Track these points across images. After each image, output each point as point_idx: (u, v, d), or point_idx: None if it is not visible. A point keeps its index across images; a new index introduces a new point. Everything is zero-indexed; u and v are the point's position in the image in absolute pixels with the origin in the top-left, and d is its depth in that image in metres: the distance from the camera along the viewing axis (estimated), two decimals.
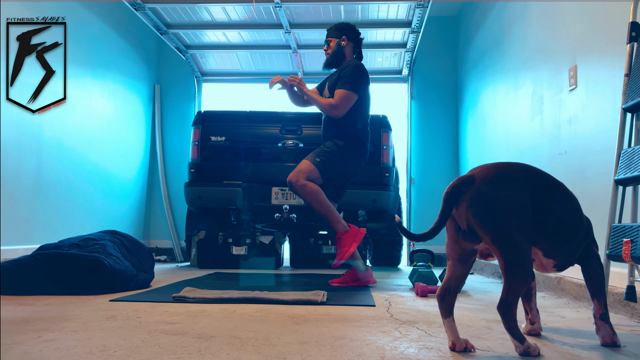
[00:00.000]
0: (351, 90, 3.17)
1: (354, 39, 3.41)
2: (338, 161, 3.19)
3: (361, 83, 3.23)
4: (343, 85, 3.19)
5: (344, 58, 3.37)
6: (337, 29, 3.39)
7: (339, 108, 3.18)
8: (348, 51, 3.38)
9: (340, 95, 3.17)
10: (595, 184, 2.64)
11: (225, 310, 2.10)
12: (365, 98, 3.29)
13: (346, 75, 3.21)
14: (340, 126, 3.25)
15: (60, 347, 1.41)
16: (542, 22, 3.53)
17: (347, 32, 3.38)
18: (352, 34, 3.40)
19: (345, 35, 3.36)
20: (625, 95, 2.19)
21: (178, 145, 6.37)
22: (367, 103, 3.33)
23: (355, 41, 3.42)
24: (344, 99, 3.17)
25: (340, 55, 3.36)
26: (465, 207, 1.42)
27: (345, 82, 3.19)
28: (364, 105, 3.30)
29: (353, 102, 3.20)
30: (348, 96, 3.17)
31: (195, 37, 5.70)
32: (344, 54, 3.36)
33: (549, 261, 1.57)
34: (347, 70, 3.24)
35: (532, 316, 1.75)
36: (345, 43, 3.36)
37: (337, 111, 3.19)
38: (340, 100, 3.17)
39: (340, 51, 3.35)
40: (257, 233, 4.66)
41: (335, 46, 3.36)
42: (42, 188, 4.08)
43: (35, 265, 2.60)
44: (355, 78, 3.20)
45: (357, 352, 1.41)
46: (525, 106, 3.81)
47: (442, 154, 6.28)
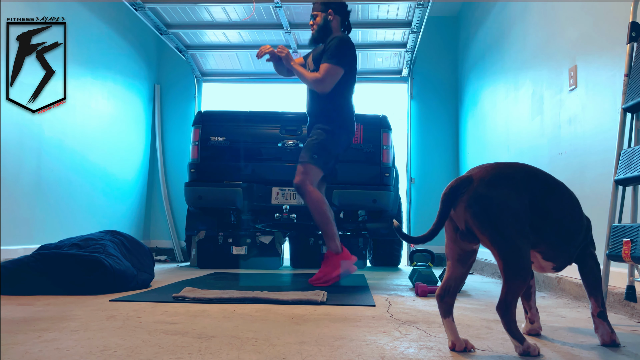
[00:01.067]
0: (337, 64, 3.06)
1: (341, 12, 3.29)
2: (331, 149, 3.13)
3: (347, 57, 3.12)
4: (329, 59, 3.07)
5: (330, 32, 3.25)
6: (322, 3, 3.27)
7: (323, 83, 3.07)
8: (335, 25, 3.27)
9: (325, 70, 3.07)
10: (595, 184, 2.64)
11: (225, 310, 2.10)
12: (351, 73, 3.19)
13: (332, 48, 3.10)
14: (326, 105, 3.16)
15: (60, 347, 1.41)
16: (542, 22, 3.53)
17: (333, 5, 3.26)
18: (339, 7, 3.28)
19: (332, 8, 3.25)
20: (625, 95, 2.19)
21: (178, 145, 6.37)
22: (353, 79, 3.24)
23: (343, 14, 3.31)
24: (330, 73, 3.06)
25: (327, 30, 3.25)
26: (463, 208, 1.42)
27: (331, 56, 3.07)
28: (350, 80, 3.20)
29: (339, 77, 3.09)
30: (333, 70, 3.06)
31: (195, 37, 5.70)
32: (330, 28, 3.25)
33: (547, 263, 1.57)
34: (332, 43, 3.13)
35: (532, 315, 1.75)
36: (332, 17, 3.24)
37: (322, 86, 3.09)
38: (325, 74, 3.06)
39: (327, 25, 3.24)
40: (257, 233, 4.66)
41: (321, 20, 3.24)
42: (42, 188, 4.08)
43: (35, 265, 2.60)
44: (341, 52, 3.10)
45: (357, 352, 1.41)
46: (525, 106, 3.81)
47: (442, 154, 6.27)
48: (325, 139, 3.11)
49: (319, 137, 3.11)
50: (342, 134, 3.16)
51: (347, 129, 3.18)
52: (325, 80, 3.08)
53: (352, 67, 3.19)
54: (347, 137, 3.21)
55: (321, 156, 3.08)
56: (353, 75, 3.24)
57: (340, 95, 3.16)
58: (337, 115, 3.16)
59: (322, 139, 3.11)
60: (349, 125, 3.20)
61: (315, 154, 3.08)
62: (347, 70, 3.14)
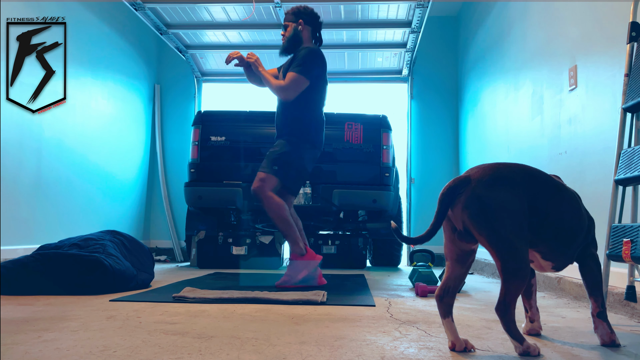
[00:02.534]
0: (301, 74, 3.06)
1: (312, 22, 3.28)
2: (294, 161, 3.09)
3: (313, 68, 3.11)
4: (294, 68, 3.09)
5: (301, 43, 3.24)
6: (293, 13, 3.27)
7: (286, 91, 3.08)
8: (305, 35, 3.26)
9: (289, 78, 3.08)
10: (595, 184, 2.64)
11: (225, 310, 2.10)
12: (318, 84, 3.17)
13: (299, 59, 3.11)
14: (291, 117, 3.14)
15: (60, 347, 1.41)
16: (542, 22, 3.53)
17: (303, 15, 3.25)
18: (309, 18, 3.27)
19: (302, 18, 3.24)
20: (625, 95, 2.19)
21: (178, 145, 6.37)
22: (321, 89, 3.21)
23: (313, 25, 3.29)
24: (293, 82, 3.06)
25: (297, 40, 3.23)
26: (461, 209, 1.41)
27: (296, 66, 3.09)
28: (317, 91, 3.18)
29: (303, 87, 3.08)
30: (297, 79, 3.06)
31: (195, 37, 5.70)
32: (301, 38, 3.23)
33: (547, 263, 1.57)
34: (301, 53, 3.14)
35: (532, 314, 1.74)
36: (302, 27, 3.23)
37: (285, 94, 3.09)
38: (289, 82, 3.07)
39: (297, 35, 3.22)
40: (257, 233, 4.66)
41: (291, 30, 3.23)
42: (42, 188, 4.08)
43: (35, 265, 2.60)
44: (307, 62, 3.09)
45: (357, 352, 1.41)
46: (525, 106, 3.81)
47: (442, 154, 6.27)
48: (287, 151, 3.08)
49: (281, 149, 3.10)
50: (305, 148, 3.12)
51: (311, 142, 3.14)
52: (288, 89, 3.08)
53: (319, 80, 3.17)
54: (312, 150, 3.16)
55: (281, 168, 3.05)
56: (321, 87, 3.20)
57: (306, 108, 3.14)
58: (304, 127, 3.13)
59: (284, 151, 3.09)
60: (314, 138, 3.15)
61: (275, 165, 3.06)
62: (313, 82, 3.12)
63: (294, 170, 3.10)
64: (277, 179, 3.05)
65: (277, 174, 3.04)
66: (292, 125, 3.15)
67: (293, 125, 3.14)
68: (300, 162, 3.11)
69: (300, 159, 3.10)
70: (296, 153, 3.09)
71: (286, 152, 3.08)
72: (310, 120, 3.15)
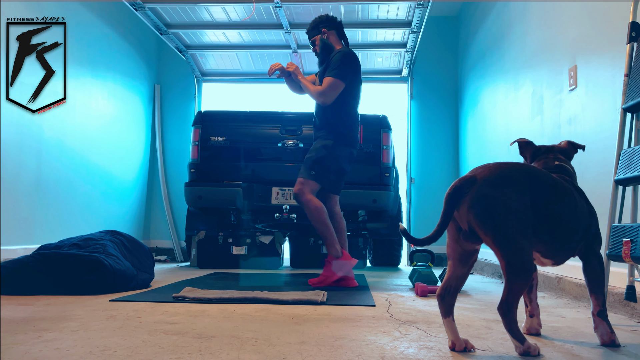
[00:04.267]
0: (337, 77, 3.18)
1: (333, 25, 3.40)
2: (332, 164, 3.20)
3: (348, 70, 3.23)
4: (330, 72, 3.20)
5: (332, 48, 3.36)
6: (313, 28, 3.41)
7: (324, 95, 3.20)
8: (333, 40, 3.39)
9: (326, 83, 3.19)
10: (595, 184, 2.64)
11: (225, 310, 2.10)
12: (353, 86, 3.29)
13: (334, 63, 3.23)
14: (328, 118, 3.26)
15: (60, 347, 1.41)
16: (542, 22, 3.53)
17: (323, 23, 3.39)
18: (329, 23, 3.40)
19: (324, 27, 3.37)
20: (625, 95, 2.19)
21: (178, 145, 6.37)
22: (356, 91, 3.33)
23: (336, 27, 3.41)
24: (330, 86, 3.18)
25: (328, 47, 3.36)
26: (467, 209, 1.41)
27: (332, 70, 3.20)
28: (353, 93, 3.30)
29: (340, 90, 3.20)
30: (334, 83, 3.18)
31: (195, 37, 5.70)
32: (330, 44, 3.36)
33: (547, 260, 1.58)
34: (335, 57, 3.25)
35: (532, 308, 1.74)
36: (327, 35, 3.36)
37: (323, 98, 3.21)
38: (326, 87, 3.19)
39: (326, 44, 3.36)
40: (257, 233, 4.66)
41: (320, 43, 3.36)
42: (42, 188, 4.08)
43: (35, 265, 2.60)
44: (341, 65, 3.20)
45: (357, 352, 1.41)
46: (525, 106, 3.81)
47: (442, 154, 6.27)
48: (323, 156, 3.20)
49: (317, 154, 3.21)
50: (341, 148, 3.23)
51: (347, 143, 3.26)
52: (326, 93, 3.20)
53: (353, 81, 3.28)
54: (349, 150, 3.27)
55: (319, 172, 3.17)
56: (355, 88, 3.32)
57: (342, 109, 3.26)
58: (338, 128, 3.25)
59: (320, 156, 3.20)
60: (349, 139, 3.27)
61: (312, 170, 3.18)
62: (349, 83, 3.23)
63: (331, 172, 3.21)
64: (316, 183, 3.17)
65: (315, 178, 3.16)
66: (328, 128, 3.26)
67: (329, 127, 3.26)
68: (336, 163, 3.22)
69: (336, 161, 3.21)
70: (332, 156, 3.20)
71: (321, 157, 3.19)
72: (344, 120, 3.26)
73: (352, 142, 3.29)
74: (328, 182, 3.21)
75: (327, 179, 3.20)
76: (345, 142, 3.25)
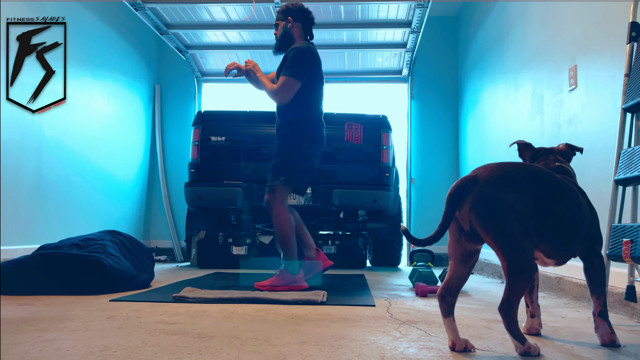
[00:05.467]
0: (292, 76, 3.00)
1: (301, 18, 3.20)
2: (299, 164, 3.06)
3: (303, 68, 3.04)
4: (284, 71, 3.04)
5: (292, 40, 3.17)
6: (282, 12, 3.21)
7: (278, 94, 3.04)
8: (296, 32, 3.18)
9: (281, 82, 3.02)
10: (595, 184, 2.64)
11: (225, 310, 2.10)
12: (312, 84, 3.11)
13: (289, 61, 3.05)
14: (287, 119, 3.11)
15: (60, 347, 1.41)
16: (542, 22, 3.53)
17: (292, 12, 3.18)
18: (298, 14, 3.19)
19: (291, 15, 3.17)
20: (625, 95, 2.19)
21: (178, 145, 6.37)
22: (316, 88, 3.14)
23: (304, 21, 3.21)
24: (284, 86, 3.01)
25: (288, 38, 3.17)
26: (468, 209, 1.41)
27: (287, 69, 3.03)
28: (312, 91, 3.12)
29: (295, 89, 3.02)
30: (287, 82, 3.00)
31: (195, 37, 5.70)
32: (291, 35, 3.17)
33: (550, 260, 1.58)
34: (290, 55, 3.08)
35: (533, 309, 1.74)
36: (291, 24, 3.16)
37: (278, 98, 3.06)
38: (280, 86, 3.02)
39: (287, 33, 3.16)
40: (257, 233, 4.66)
41: (281, 29, 3.18)
42: (42, 188, 4.08)
43: (35, 265, 2.60)
44: (297, 63, 3.02)
45: (357, 352, 1.41)
46: (525, 106, 3.81)
47: (442, 154, 6.27)
48: (288, 160, 3.06)
49: (281, 159, 3.08)
50: (306, 147, 3.08)
51: (312, 140, 3.10)
52: (279, 92, 3.04)
53: (313, 79, 3.11)
54: (313, 147, 3.12)
55: (288, 176, 3.04)
56: (316, 86, 3.15)
57: (303, 107, 3.10)
58: (301, 126, 3.10)
59: (286, 159, 3.06)
60: (314, 136, 3.12)
61: (282, 175, 3.04)
62: (306, 82, 3.07)
63: (300, 173, 3.08)
64: (287, 187, 3.05)
65: (285, 183, 3.03)
66: (287, 127, 3.12)
67: (288, 127, 3.11)
68: (304, 163, 3.08)
69: (303, 160, 3.08)
70: (299, 156, 3.06)
71: (287, 161, 3.05)
72: (306, 118, 3.11)
73: (317, 139, 3.13)
74: (298, 184, 3.10)
75: (298, 181, 3.08)
76: (310, 140, 3.09)
